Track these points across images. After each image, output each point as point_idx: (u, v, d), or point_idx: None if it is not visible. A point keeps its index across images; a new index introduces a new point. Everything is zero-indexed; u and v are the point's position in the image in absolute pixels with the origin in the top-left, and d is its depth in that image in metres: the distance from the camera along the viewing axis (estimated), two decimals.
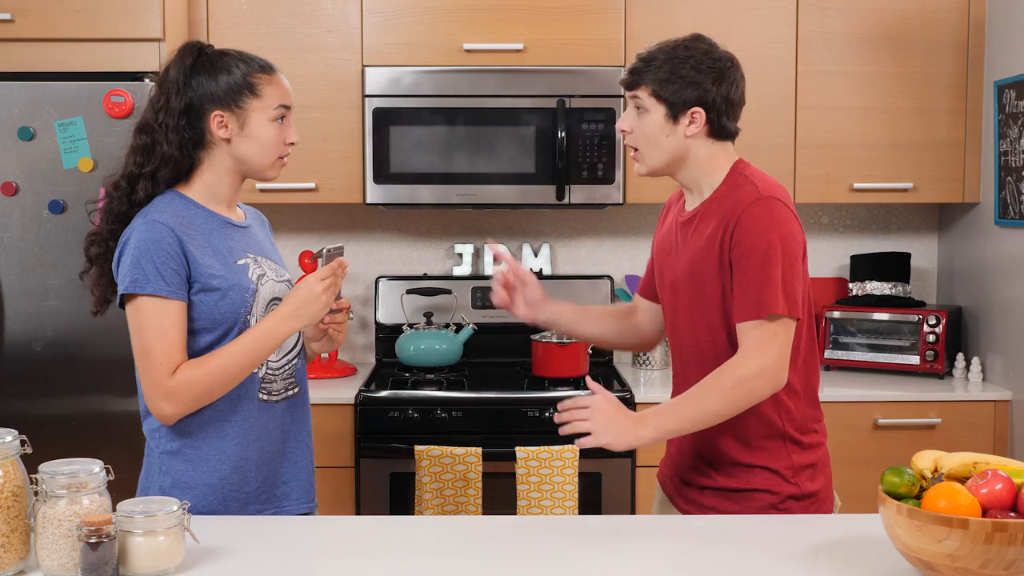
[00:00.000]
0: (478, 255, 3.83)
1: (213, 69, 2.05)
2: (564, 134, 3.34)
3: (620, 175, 3.38)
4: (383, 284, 3.72)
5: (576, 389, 3.23)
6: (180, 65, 2.05)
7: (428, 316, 3.56)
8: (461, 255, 3.79)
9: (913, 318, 3.48)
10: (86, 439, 3.00)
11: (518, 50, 3.39)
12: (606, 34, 3.39)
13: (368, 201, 3.40)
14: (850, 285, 3.69)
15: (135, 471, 2.13)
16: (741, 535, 1.87)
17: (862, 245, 3.87)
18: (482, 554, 1.78)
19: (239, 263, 2.06)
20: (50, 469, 1.64)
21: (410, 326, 3.58)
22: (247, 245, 2.11)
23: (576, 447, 3.04)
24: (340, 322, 2.19)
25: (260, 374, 2.08)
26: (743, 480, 2.10)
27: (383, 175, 3.38)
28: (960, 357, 3.48)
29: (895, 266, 3.64)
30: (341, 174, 3.44)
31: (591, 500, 3.13)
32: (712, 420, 1.98)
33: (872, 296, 3.60)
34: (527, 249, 3.80)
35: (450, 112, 3.37)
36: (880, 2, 3.45)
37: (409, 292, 3.64)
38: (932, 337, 3.45)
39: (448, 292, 3.64)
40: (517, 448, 3.05)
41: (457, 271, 3.79)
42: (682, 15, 3.42)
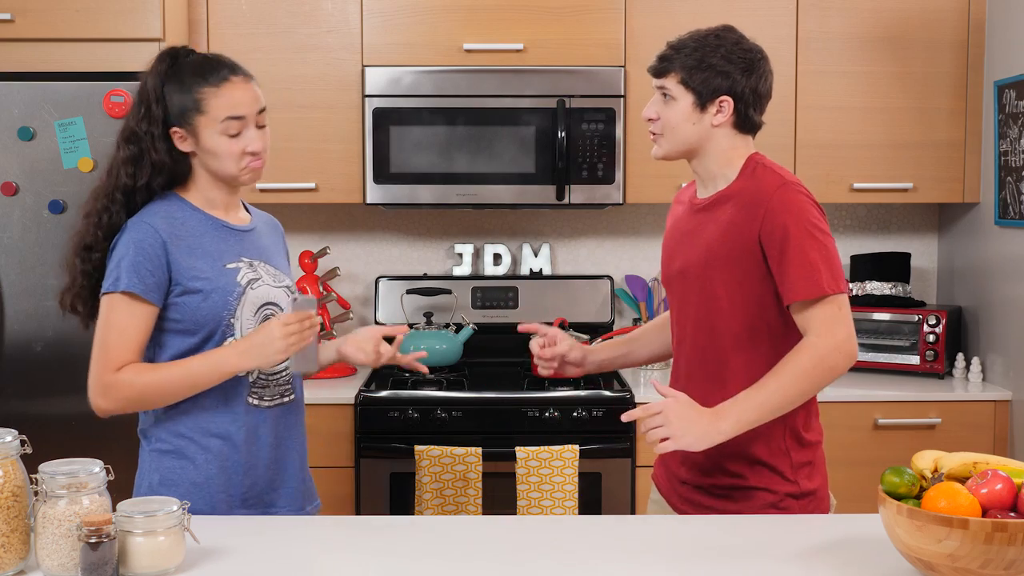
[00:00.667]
0: (478, 255, 3.83)
1: (175, 83, 2.04)
2: (564, 134, 3.34)
3: (620, 175, 3.38)
4: (383, 284, 3.72)
5: (576, 389, 3.23)
6: (156, 73, 2.06)
7: (428, 316, 3.56)
8: (461, 255, 3.79)
9: (913, 318, 3.48)
10: (86, 439, 2.98)
11: (518, 50, 3.39)
12: (606, 34, 3.39)
13: (368, 201, 3.40)
14: (850, 285, 3.68)
15: (135, 471, 2.13)
16: (741, 535, 1.87)
17: (862, 245, 3.87)
18: (482, 554, 1.78)
19: (228, 266, 2.05)
20: (50, 469, 1.64)
21: (410, 326, 3.58)
22: (243, 249, 2.10)
23: (574, 449, 3.04)
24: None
25: (250, 378, 2.06)
26: (741, 478, 2.09)
27: (383, 175, 3.38)
28: (960, 357, 3.48)
29: (895, 266, 3.63)
30: (341, 174, 3.44)
31: (591, 500, 3.13)
32: (794, 403, 1.97)
33: (872, 296, 3.59)
34: (527, 249, 3.80)
35: (450, 112, 3.37)
36: (880, 2, 3.45)
37: (409, 292, 3.64)
38: (932, 337, 3.45)
39: (448, 292, 3.64)
40: (517, 448, 3.05)
41: (457, 271, 3.79)
42: (682, 15, 3.42)
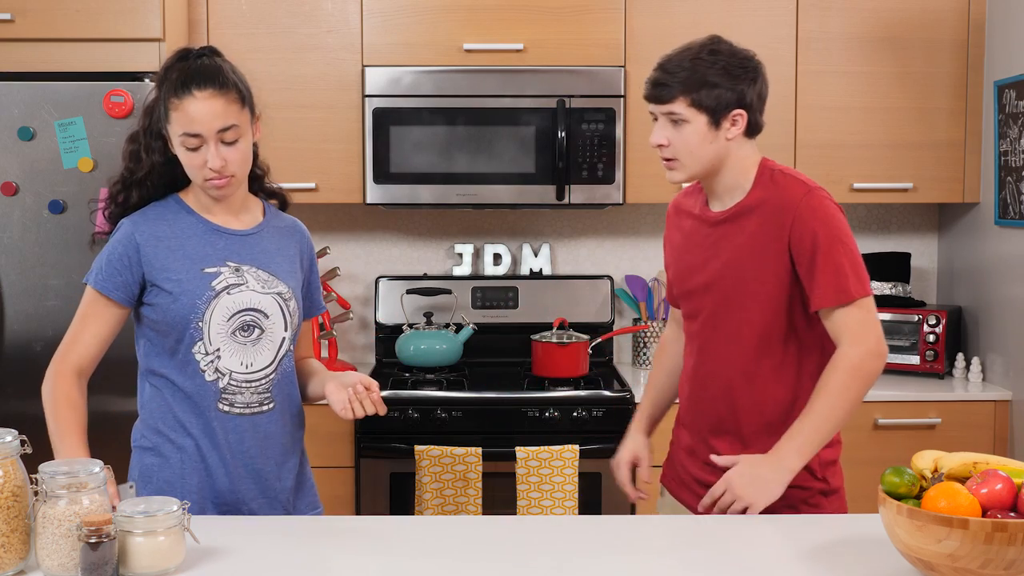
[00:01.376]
0: (478, 255, 3.83)
1: (161, 86, 2.05)
2: (564, 134, 3.34)
3: (620, 175, 3.38)
4: (383, 284, 3.72)
5: (576, 389, 3.23)
6: (158, 75, 2.07)
7: (428, 316, 3.56)
8: (461, 255, 3.79)
9: (913, 318, 3.48)
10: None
11: (518, 50, 3.39)
12: (606, 34, 3.39)
13: (368, 201, 3.40)
14: None
15: None
16: (741, 535, 1.87)
17: (862, 245, 3.82)
18: (482, 554, 1.78)
19: (207, 270, 2.05)
20: (50, 469, 1.64)
21: (410, 326, 3.58)
22: (232, 253, 2.09)
23: (574, 449, 3.04)
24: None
25: (221, 384, 2.06)
26: None
27: (383, 175, 3.38)
28: (960, 357, 3.48)
29: (895, 266, 3.63)
30: (341, 174, 3.44)
31: (591, 500, 3.13)
32: (845, 418, 2.01)
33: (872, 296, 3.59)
34: (527, 249, 3.80)
35: (450, 112, 3.37)
36: (880, 2, 3.45)
37: (409, 292, 3.64)
38: (932, 337, 3.45)
39: (448, 292, 3.64)
40: (517, 448, 3.05)
41: (457, 271, 3.78)
42: (682, 15, 3.42)
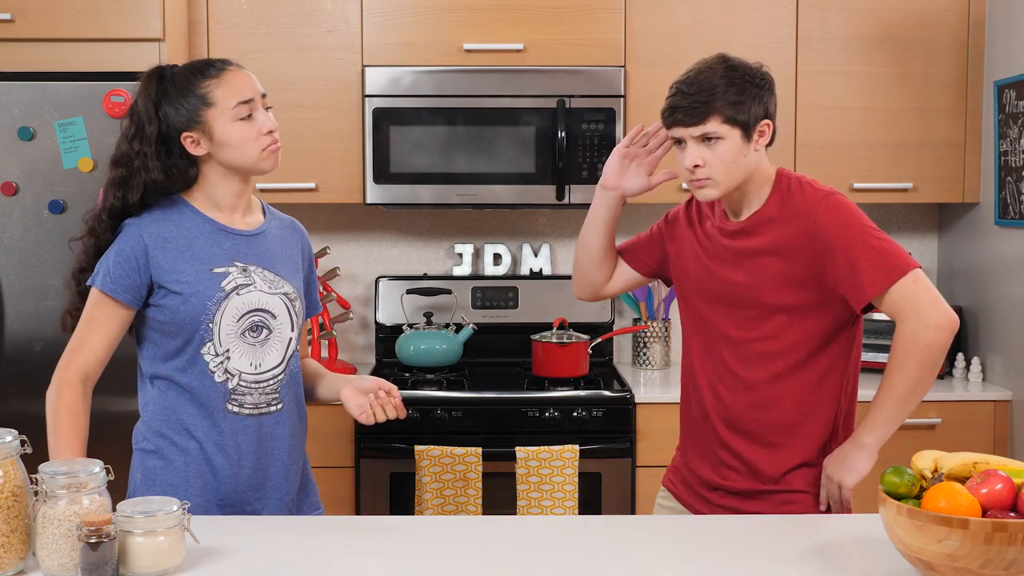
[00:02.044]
0: (478, 255, 3.83)
1: (172, 94, 2.06)
2: (564, 134, 3.34)
3: None
4: (383, 284, 3.72)
5: (576, 389, 3.23)
6: (146, 94, 2.07)
7: (428, 316, 3.56)
8: (461, 255, 3.79)
9: None
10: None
11: (518, 50, 3.39)
12: (606, 34, 3.39)
13: (368, 201, 3.40)
14: None
15: None
16: (741, 535, 1.87)
17: None
18: (482, 554, 1.78)
19: (216, 270, 2.05)
20: (50, 469, 1.64)
21: (410, 326, 3.58)
22: (240, 253, 2.09)
23: (574, 449, 3.04)
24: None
25: (231, 385, 2.06)
26: (787, 482, 2.13)
27: (383, 175, 3.38)
28: (960, 357, 3.48)
29: None
30: (341, 174, 3.44)
31: (591, 500, 3.13)
32: (921, 394, 2.04)
33: None
34: (527, 249, 3.80)
35: (450, 112, 3.37)
36: (880, 2, 3.45)
37: (409, 292, 3.64)
38: None
39: (448, 292, 3.64)
40: (517, 448, 3.05)
41: (457, 271, 3.78)
42: (682, 15, 3.42)
